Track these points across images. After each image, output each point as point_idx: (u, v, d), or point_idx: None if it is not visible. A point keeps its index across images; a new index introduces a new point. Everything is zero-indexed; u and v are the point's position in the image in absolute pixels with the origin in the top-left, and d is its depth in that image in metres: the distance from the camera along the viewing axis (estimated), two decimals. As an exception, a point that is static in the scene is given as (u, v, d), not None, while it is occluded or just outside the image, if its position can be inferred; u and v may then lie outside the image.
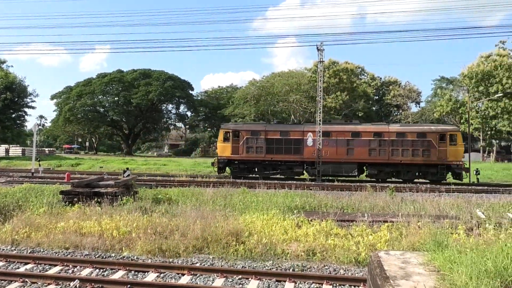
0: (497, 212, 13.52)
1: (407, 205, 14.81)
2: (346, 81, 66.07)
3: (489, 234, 9.70)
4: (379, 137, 27.70)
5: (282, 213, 12.62)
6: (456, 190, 22.34)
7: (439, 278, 4.85)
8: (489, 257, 5.30)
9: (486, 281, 4.52)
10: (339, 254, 9.59)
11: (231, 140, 28.61)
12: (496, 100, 52.24)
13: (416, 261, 5.62)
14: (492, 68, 53.05)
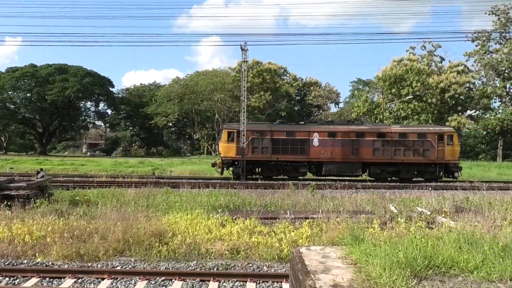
0: (408, 206, 14.47)
1: (327, 202, 15.37)
2: (269, 81, 67.28)
3: (401, 227, 10.34)
4: (383, 138, 28.49)
5: (207, 213, 12.56)
6: (371, 186, 23.60)
7: (356, 271, 5.09)
8: (401, 249, 5.66)
9: (398, 271, 4.82)
10: (262, 252, 9.74)
11: (236, 140, 28.00)
12: (407, 101, 55.88)
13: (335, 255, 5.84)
14: (403, 72, 56.67)
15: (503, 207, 13.40)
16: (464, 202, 14.72)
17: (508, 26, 58.86)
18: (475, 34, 59.36)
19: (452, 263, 5.55)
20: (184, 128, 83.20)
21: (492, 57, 59.89)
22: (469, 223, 9.43)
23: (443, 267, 5.43)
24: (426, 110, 56.88)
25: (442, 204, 14.16)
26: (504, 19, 58.62)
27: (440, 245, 6.29)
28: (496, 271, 5.35)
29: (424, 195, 17.60)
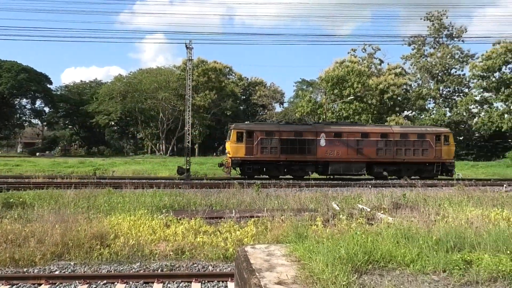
0: (349, 204, 14.92)
1: (272, 201, 15.51)
2: (214, 80, 67.07)
3: (342, 224, 10.66)
4: (385, 138, 29.39)
5: (150, 213, 12.33)
6: (315, 185, 24.11)
7: (300, 268, 5.18)
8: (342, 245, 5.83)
9: (340, 267, 4.96)
10: (208, 251, 9.70)
11: (245, 140, 27.79)
12: (348, 102, 57.62)
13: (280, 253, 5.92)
14: (345, 73, 58.41)
15: (436, 203, 14.14)
16: (402, 199, 15.39)
17: (441, 31, 62.21)
18: (411, 39, 62.27)
19: (390, 257, 5.79)
20: (127, 127, 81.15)
21: (427, 61, 63.11)
22: (406, 218, 9.85)
23: (382, 261, 5.65)
24: (367, 110, 58.94)
25: (381, 201, 14.72)
26: (437, 24, 61.91)
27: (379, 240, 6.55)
28: (431, 263, 5.64)
29: (364, 192, 18.21)
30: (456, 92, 64.68)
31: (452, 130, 62.73)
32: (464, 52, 63.16)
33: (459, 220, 9.82)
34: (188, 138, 27.79)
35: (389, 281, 4.91)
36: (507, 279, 5.28)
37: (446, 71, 63.18)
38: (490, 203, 14.24)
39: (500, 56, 57.28)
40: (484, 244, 6.64)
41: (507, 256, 5.95)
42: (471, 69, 60.50)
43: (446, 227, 7.91)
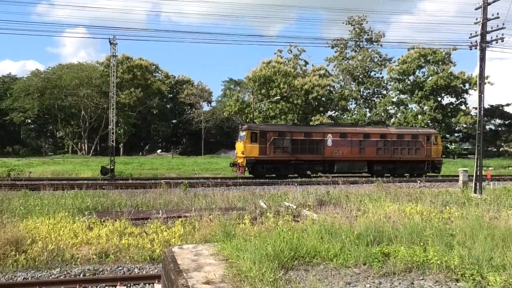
0: (276, 201, 15.21)
1: (200, 200, 15.42)
2: (140, 78, 65.36)
3: (269, 221, 10.84)
4: (384, 138, 31.55)
5: (72, 216, 11.76)
6: (242, 183, 24.30)
7: (228, 266, 5.21)
8: (269, 242, 5.93)
9: (267, 264, 5.05)
10: (133, 253, 9.45)
11: (259, 140, 28.50)
12: (275, 102, 58.69)
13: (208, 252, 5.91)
14: (272, 74, 59.37)
15: (358, 199, 14.83)
16: (326, 196, 15.95)
17: (361, 35, 65.28)
18: (334, 41, 64.75)
19: (315, 252, 5.99)
20: (46, 125, 76.66)
21: (349, 63, 65.95)
22: (329, 215, 10.24)
23: (307, 257, 5.83)
24: (293, 110, 60.36)
25: (307, 198, 15.15)
26: (358, 29, 64.88)
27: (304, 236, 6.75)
28: (352, 257, 5.91)
29: (290, 190, 18.66)
30: (376, 93, 68.21)
31: (372, 129, 66.28)
32: (382, 56, 66.91)
33: (378, 215, 10.38)
34: (112, 137, 26.83)
35: (313, 276, 5.08)
36: (420, 269, 5.66)
37: (366, 73, 66.42)
38: (405, 198, 15.18)
39: (414, 60, 61.21)
40: (400, 237, 7.08)
41: (421, 247, 6.38)
42: (389, 72, 64.14)
43: (367, 222, 8.32)
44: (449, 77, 59.25)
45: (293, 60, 66.25)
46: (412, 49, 61.46)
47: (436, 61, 61.33)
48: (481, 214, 10.66)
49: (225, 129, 78.47)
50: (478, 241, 7.04)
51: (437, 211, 11.90)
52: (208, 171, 35.50)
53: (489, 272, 5.34)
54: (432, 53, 60.61)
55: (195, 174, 32.11)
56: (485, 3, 19.76)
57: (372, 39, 65.61)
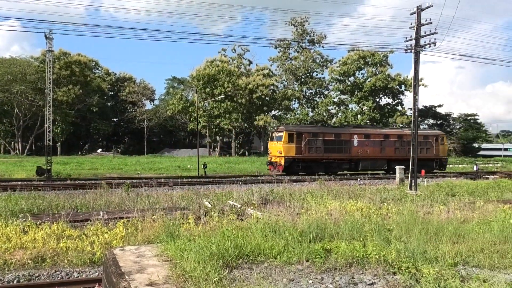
0: (221, 200, 15.21)
1: (143, 200, 15.13)
2: (79, 74, 62.94)
3: (214, 221, 10.81)
4: (401, 139, 35.14)
5: (4, 219, 11.13)
6: (186, 183, 24.08)
7: (172, 267, 5.14)
8: (214, 242, 5.92)
9: (211, 263, 5.04)
10: (72, 257, 9.09)
11: (295, 141, 30.63)
12: (219, 101, 58.57)
13: (151, 253, 5.81)
14: (216, 73, 59.22)
15: (301, 197, 15.13)
16: (270, 194, 16.13)
17: (304, 36, 66.54)
18: (277, 42, 65.54)
19: (259, 250, 6.05)
20: (-26, 123, 71.97)
21: (292, 64, 67.03)
22: (273, 213, 10.36)
23: (252, 255, 5.88)
24: (237, 109, 60.51)
25: (251, 197, 15.26)
26: (300, 30, 66.09)
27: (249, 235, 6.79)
28: (295, 254, 6.03)
29: (235, 189, 18.71)
30: (318, 93, 69.81)
31: (314, 129, 67.81)
32: (324, 57, 68.54)
33: (321, 213, 10.64)
34: (48, 136, 25.67)
35: (258, 274, 5.12)
36: (360, 263, 5.87)
37: (308, 74, 67.82)
38: (346, 195, 15.67)
39: (354, 62, 63.26)
40: (342, 233, 7.30)
41: (360, 243, 6.61)
42: (330, 73, 65.90)
43: (309, 219, 8.50)
44: (387, 78, 61.75)
45: (237, 60, 66.45)
46: (352, 51, 63.47)
47: (375, 63, 63.72)
48: (416, 210, 11.21)
49: (168, 128, 77.32)
50: (413, 235, 7.40)
51: (375, 208, 12.38)
52: (151, 171, 34.83)
53: (423, 265, 5.63)
54: (370, 55, 62.90)
55: (138, 174, 31.42)
56: (419, 9, 20.79)
57: (314, 41, 67.07)
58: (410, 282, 5.18)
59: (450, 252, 6.49)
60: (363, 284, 5.14)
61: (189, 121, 64.61)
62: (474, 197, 16.74)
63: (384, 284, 5.14)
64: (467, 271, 5.81)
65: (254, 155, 61.96)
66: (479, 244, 7.14)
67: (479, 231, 8.18)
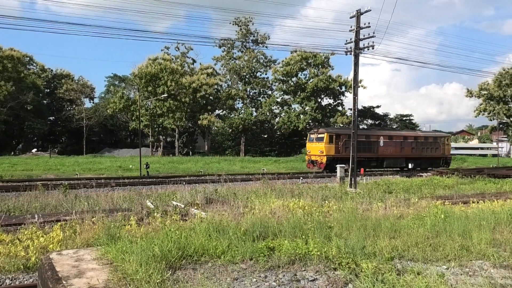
0: (164, 201, 14.98)
1: (82, 202, 14.62)
2: (11, 70, 59.55)
3: (157, 222, 10.62)
4: (416, 140, 40.46)
5: None
6: (128, 183, 23.51)
7: (112, 270, 5.01)
8: (157, 243, 5.83)
9: (154, 265, 4.96)
10: (4, 263, 8.59)
11: (334, 142, 34.94)
12: (162, 100, 57.58)
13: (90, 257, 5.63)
14: (158, 71, 58.12)
15: (245, 196, 15.20)
16: (214, 194, 16.09)
17: (248, 36, 66.87)
18: (221, 41, 65.39)
19: (203, 251, 6.02)
20: None
21: (236, 63, 67.16)
22: (217, 212, 10.35)
23: (196, 255, 5.84)
24: (181, 108, 59.76)
25: (195, 196, 15.15)
26: (244, 30, 66.37)
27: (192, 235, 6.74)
28: (239, 253, 6.05)
29: (178, 189, 18.50)
30: (261, 93, 70.38)
31: (258, 128, 68.40)
32: (267, 57, 69.16)
33: (264, 211, 10.75)
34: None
35: (201, 274, 5.10)
36: (303, 260, 6.00)
37: (252, 73, 68.21)
38: (289, 194, 15.93)
39: (296, 63, 64.34)
40: (284, 231, 7.43)
41: (303, 240, 6.76)
42: (273, 73, 66.61)
43: (253, 218, 8.57)
44: (328, 80, 63.33)
45: (180, 58, 65.59)
46: (295, 52, 64.52)
47: (317, 64, 65.17)
48: (356, 207, 11.60)
49: (109, 127, 74.99)
50: (353, 231, 7.66)
51: (317, 205, 12.67)
52: (91, 172, 33.64)
53: (362, 260, 5.84)
54: (313, 56, 64.26)
55: (76, 175, 30.27)
56: (358, 13, 21.51)
57: (258, 41, 67.55)
58: (350, 277, 5.36)
59: (387, 247, 6.79)
60: (305, 280, 5.26)
61: (131, 120, 63.00)
62: (409, 194, 17.59)
63: (326, 280, 5.29)
64: (402, 265, 6.09)
65: (198, 154, 61.52)
66: (414, 238, 7.52)
67: (413, 226, 8.60)
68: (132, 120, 62.52)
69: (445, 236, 7.78)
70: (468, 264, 6.43)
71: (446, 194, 18.97)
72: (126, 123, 67.53)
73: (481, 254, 6.87)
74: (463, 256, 6.74)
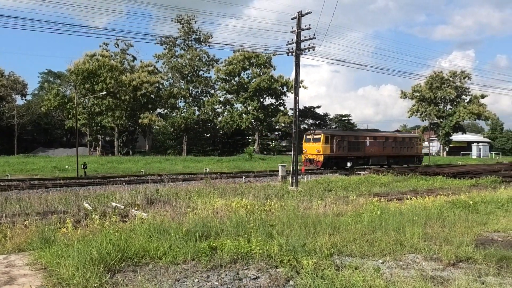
0: (103, 202, 14.49)
1: (13, 204, 13.84)
2: None
3: (95, 224, 10.26)
4: (395, 140, 44.72)
5: None
6: (64, 184, 22.55)
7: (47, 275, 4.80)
8: (95, 246, 5.64)
9: (92, 268, 4.80)
10: None
11: (329, 142, 38.04)
12: (101, 97, 55.71)
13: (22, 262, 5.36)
14: (96, 67, 56.14)
15: (187, 196, 15.04)
16: (155, 194, 15.79)
17: (190, 35, 66.20)
18: (163, 38, 64.27)
19: (144, 252, 5.90)
20: None
21: (178, 61, 66.29)
22: (159, 213, 10.17)
23: (136, 257, 5.71)
24: (120, 106, 58.13)
25: (135, 197, 14.78)
26: (187, 28, 65.64)
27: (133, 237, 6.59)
28: (181, 254, 5.99)
29: (118, 189, 17.98)
30: (204, 92, 69.95)
31: (200, 128, 67.95)
32: (210, 56, 68.86)
33: (207, 211, 10.70)
34: None
35: (142, 276, 5.00)
36: (245, 259, 6.03)
37: (195, 72, 67.61)
38: (232, 193, 15.95)
39: (239, 62, 64.59)
40: (227, 231, 7.43)
41: (245, 239, 6.79)
42: (216, 72, 66.44)
43: (195, 218, 8.51)
44: (270, 80, 64.09)
45: (120, 55, 63.78)
46: (237, 52, 64.71)
47: (259, 64, 65.74)
48: (297, 205, 11.83)
49: (43, 125, 71.53)
50: (294, 229, 7.80)
51: (260, 204, 12.77)
52: (23, 172, 31.91)
53: (303, 257, 5.97)
54: (255, 56, 64.76)
55: (7, 176, 28.60)
56: (300, 15, 21.93)
57: (201, 39, 67.06)
58: (291, 274, 5.45)
59: (327, 244, 6.97)
60: (248, 279, 5.29)
61: (67, 118, 60.44)
62: (348, 192, 18.15)
63: (267, 278, 5.35)
64: (341, 260, 6.29)
65: (139, 154, 60.08)
66: (352, 234, 7.78)
67: (352, 223, 8.90)
68: (68, 119, 60.05)
69: (381, 231, 8.12)
70: (402, 257, 6.74)
71: (382, 191, 19.76)
72: (62, 121, 64.74)
73: (414, 248, 7.23)
74: (397, 250, 7.07)
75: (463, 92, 78.50)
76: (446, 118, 78.07)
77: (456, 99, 78.63)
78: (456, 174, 28.45)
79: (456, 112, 76.43)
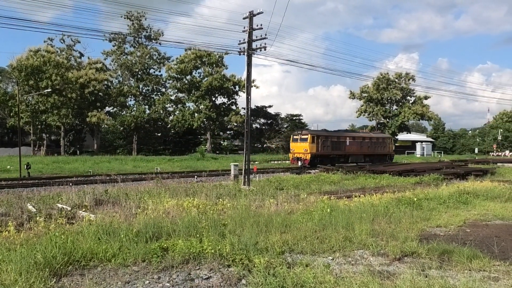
0: (48, 204, 13.92)
1: None
2: None
3: (40, 226, 9.86)
4: (370, 140, 48.20)
5: None
6: (6, 186, 21.51)
7: (-13, 282, 4.56)
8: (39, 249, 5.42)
9: (36, 273, 4.61)
10: None
11: (315, 142, 40.63)
12: (46, 95, 53.52)
13: (-41, 269, 5.06)
14: (41, 64, 53.81)
15: (137, 196, 14.74)
16: (104, 195, 15.36)
17: (140, 32, 64.84)
18: (112, 35, 62.59)
19: (92, 255, 5.74)
20: None
21: (127, 59, 64.74)
22: (108, 214, 9.91)
23: (83, 260, 5.54)
24: (67, 104, 56.09)
25: (83, 198, 14.32)
26: (137, 25, 64.25)
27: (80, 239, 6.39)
28: (131, 255, 5.87)
29: (64, 191, 17.35)
30: (155, 91, 68.75)
31: (151, 127, 66.73)
32: (161, 54, 67.75)
33: (158, 211, 10.53)
34: None
35: (90, 280, 4.86)
36: (197, 259, 5.99)
37: (145, 70, 66.28)
38: (184, 193, 15.78)
39: (191, 61, 64.00)
40: (179, 231, 7.35)
41: (197, 239, 6.75)
42: (167, 70, 65.48)
43: (146, 219, 8.36)
44: (222, 79, 63.95)
45: (66, 51, 61.46)
46: (189, 50, 64.05)
47: (211, 63, 65.43)
48: (249, 204, 11.88)
49: (-18, 124, 67.85)
50: (246, 228, 7.83)
51: (212, 204, 12.73)
52: (-41, 174, 30.12)
53: (255, 255, 6.00)
54: (207, 55, 64.37)
55: None
56: (251, 14, 22.01)
57: (151, 37, 65.82)
58: (243, 272, 5.47)
59: (279, 242, 7.05)
60: (200, 279, 5.27)
61: (9, 116, 57.60)
62: (299, 190, 18.43)
63: (220, 277, 5.34)
64: (292, 258, 6.38)
65: (87, 154, 58.18)
66: (303, 232, 7.92)
67: (303, 221, 9.05)
68: (10, 117, 57.24)
69: (331, 229, 8.31)
70: (351, 254, 6.94)
71: (332, 189, 20.21)
72: (3, 119, 61.64)
73: (362, 244, 7.46)
74: (346, 246, 7.26)
75: (408, 93, 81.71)
76: (392, 118, 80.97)
77: (401, 100, 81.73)
78: (402, 172, 29.53)
79: (401, 113, 79.48)
